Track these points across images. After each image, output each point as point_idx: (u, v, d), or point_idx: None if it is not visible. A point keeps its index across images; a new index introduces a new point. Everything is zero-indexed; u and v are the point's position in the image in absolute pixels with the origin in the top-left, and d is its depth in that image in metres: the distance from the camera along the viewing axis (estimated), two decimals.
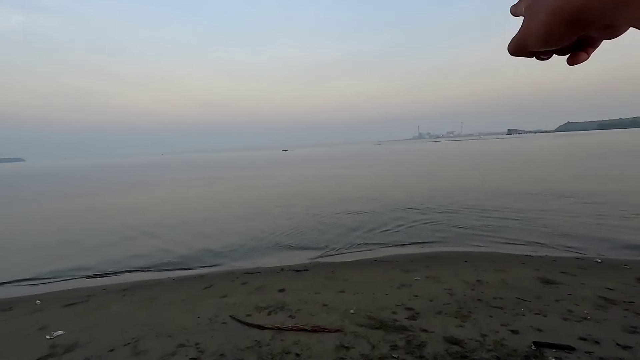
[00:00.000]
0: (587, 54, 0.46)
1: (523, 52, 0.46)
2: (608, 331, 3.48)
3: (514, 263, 6.43)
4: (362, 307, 4.43)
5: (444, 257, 7.19)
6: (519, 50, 0.46)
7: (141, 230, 11.57)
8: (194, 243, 9.73)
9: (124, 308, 5.32)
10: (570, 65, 0.47)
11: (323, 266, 7.12)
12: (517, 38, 0.45)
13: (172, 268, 7.85)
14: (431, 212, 11.56)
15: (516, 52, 0.47)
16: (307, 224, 11.13)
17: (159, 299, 5.62)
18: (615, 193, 12.82)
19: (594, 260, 6.49)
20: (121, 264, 8.26)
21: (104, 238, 10.84)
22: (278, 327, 3.95)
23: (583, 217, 9.76)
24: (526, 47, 0.44)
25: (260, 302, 4.89)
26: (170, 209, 15.85)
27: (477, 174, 23.41)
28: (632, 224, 8.79)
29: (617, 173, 18.89)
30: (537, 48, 0.43)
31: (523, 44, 0.44)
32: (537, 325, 3.65)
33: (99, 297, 6.07)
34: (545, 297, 4.52)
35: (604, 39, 0.43)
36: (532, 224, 9.48)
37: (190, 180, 31.53)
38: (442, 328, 3.70)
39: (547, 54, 0.46)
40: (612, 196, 12.28)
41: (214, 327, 4.15)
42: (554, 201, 12.14)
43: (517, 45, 0.45)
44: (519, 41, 0.45)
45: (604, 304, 4.24)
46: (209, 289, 5.96)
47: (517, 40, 0.45)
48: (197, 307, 4.97)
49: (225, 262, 8.06)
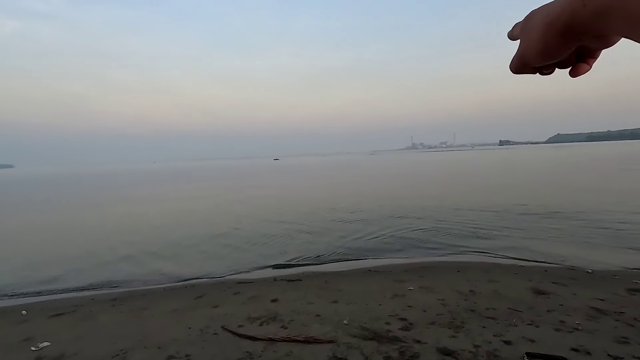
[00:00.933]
0: (589, 65, 0.49)
1: (524, 69, 0.48)
2: (599, 342, 3.49)
3: (506, 273, 6.46)
4: (356, 318, 4.40)
5: (438, 267, 7.20)
6: (521, 67, 0.48)
7: (128, 241, 11.41)
8: (183, 253, 9.62)
9: (112, 319, 5.21)
10: (573, 77, 0.49)
11: (316, 276, 7.07)
12: (517, 56, 0.47)
13: (162, 278, 7.72)
14: (422, 223, 11.60)
15: (518, 70, 0.49)
16: (298, 233, 11.09)
17: (149, 309, 5.52)
18: (602, 205, 13.02)
19: (584, 270, 6.55)
20: (110, 274, 8.11)
21: (89, 249, 10.63)
22: (270, 338, 3.90)
23: (573, 228, 9.87)
24: (527, 63, 0.46)
25: (253, 313, 4.83)
26: (157, 218, 15.68)
27: (469, 186, 23.63)
28: (620, 235, 8.91)
29: (606, 185, 19.20)
30: (537, 63, 0.46)
31: (524, 61, 0.46)
32: (530, 336, 3.66)
33: (87, 308, 5.94)
34: (538, 308, 4.54)
35: (600, 48, 0.45)
36: (520, 234, 9.56)
37: (178, 189, 31.30)
38: (435, 339, 3.68)
39: (548, 68, 0.48)
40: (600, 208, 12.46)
41: (205, 338, 4.08)
42: (544, 213, 12.27)
43: (518, 62, 0.48)
44: (519, 59, 0.47)
45: (595, 314, 4.27)
46: (200, 299, 5.88)
47: (518, 58, 0.47)
48: (188, 317, 4.89)
49: (217, 271, 7.96)
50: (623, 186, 18.09)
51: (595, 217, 11.00)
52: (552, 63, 0.46)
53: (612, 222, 10.22)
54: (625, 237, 8.67)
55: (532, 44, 0.43)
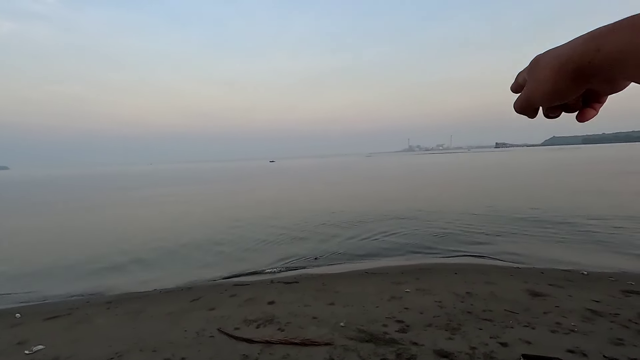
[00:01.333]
0: (595, 110, 0.49)
1: (529, 110, 0.48)
2: (595, 343, 3.51)
3: (503, 275, 6.48)
4: (353, 320, 4.39)
5: (435, 269, 7.20)
6: (526, 107, 0.48)
7: (126, 242, 11.35)
8: (179, 255, 9.57)
9: (107, 321, 5.17)
10: (580, 122, 0.49)
11: (313, 278, 7.06)
12: (523, 96, 0.47)
13: (158, 280, 7.67)
14: (420, 225, 11.62)
15: (523, 110, 0.49)
16: (295, 235, 11.07)
17: (145, 312, 5.48)
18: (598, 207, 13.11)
19: (580, 272, 6.58)
20: (105, 277, 8.06)
21: (84, 251, 10.57)
22: (267, 340, 3.88)
23: (568, 231, 9.93)
24: (533, 104, 0.46)
25: (249, 315, 4.81)
26: (155, 219, 15.62)
27: (464, 188, 23.72)
28: (614, 239, 8.97)
29: (602, 188, 19.34)
30: (544, 104, 0.46)
31: (530, 102, 0.46)
32: (526, 338, 3.67)
33: (82, 310, 5.89)
34: (534, 309, 4.55)
35: (608, 93, 0.45)
36: (516, 237, 9.60)
37: (170, 193, 31.20)
38: (432, 341, 3.68)
39: (554, 111, 0.48)
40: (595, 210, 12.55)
41: (201, 341, 4.05)
42: (539, 215, 12.34)
43: (524, 102, 0.47)
44: (526, 99, 0.47)
45: (591, 316, 4.29)
46: (197, 301, 5.84)
47: (524, 98, 0.47)
48: (184, 320, 4.86)
49: (213, 274, 7.92)
50: (618, 189, 18.23)
51: (589, 220, 11.06)
52: (558, 105, 0.46)
53: (607, 226, 10.29)
54: (620, 240, 8.73)
55: (541, 85, 0.43)
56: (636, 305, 4.69)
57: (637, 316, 4.27)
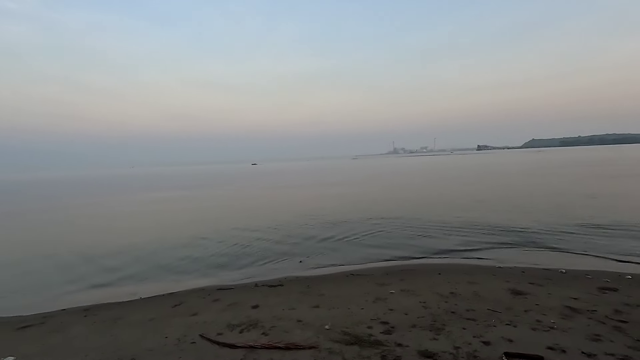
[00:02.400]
0: None
1: None
2: (574, 340, 3.59)
3: (485, 275, 6.58)
4: (337, 323, 4.37)
5: (419, 270, 7.26)
6: None
7: (102, 248, 11.01)
8: (161, 260, 9.32)
9: (84, 330, 4.97)
10: None
11: (298, 281, 7.00)
12: None
13: (138, 286, 7.45)
14: (400, 225, 11.71)
15: None
16: (278, 238, 10.98)
17: (124, 318, 5.31)
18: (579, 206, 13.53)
19: (559, 270, 6.76)
20: (84, 283, 7.78)
21: (58, 259, 10.18)
22: (250, 345, 3.81)
23: (544, 229, 10.19)
24: None
25: (233, 320, 4.72)
26: (133, 225, 15.22)
27: (445, 190, 24.08)
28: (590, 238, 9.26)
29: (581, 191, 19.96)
30: None
31: None
32: (508, 336, 3.72)
33: (57, 319, 5.66)
34: (515, 308, 4.63)
35: None
36: (497, 235, 9.79)
37: (152, 197, 30.55)
38: (416, 342, 3.69)
39: None
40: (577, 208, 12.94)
41: (182, 348, 3.94)
42: (518, 214, 12.63)
43: None
44: None
45: (570, 313, 4.39)
46: (179, 307, 5.70)
47: None
48: (165, 326, 4.73)
49: (196, 278, 7.76)
50: (596, 191, 18.87)
51: (569, 221, 11.40)
52: None
53: (588, 225, 10.61)
54: (594, 240, 9.02)
55: None
56: (612, 301, 4.83)
57: (613, 312, 4.40)
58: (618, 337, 3.67)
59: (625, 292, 5.26)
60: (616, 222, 10.46)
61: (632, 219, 10.76)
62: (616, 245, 8.29)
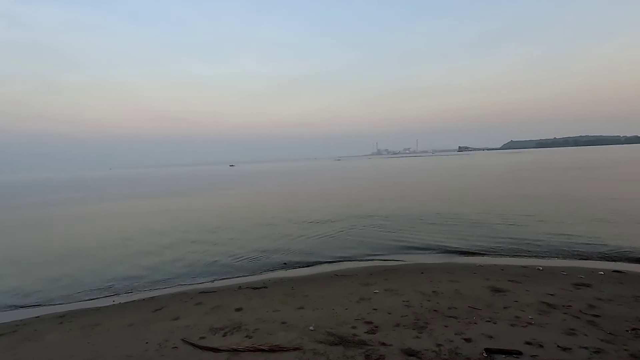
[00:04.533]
0: None
1: None
2: (550, 335, 3.71)
3: (466, 273, 6.72)
4: (322, 323, 4.36)
5: (402, 269, 7.34)
6: None
7: (77, 251, 10.64)
8: (140, 263, 9.08)
9: (60, 337, 4.79)
10: None
11: (282, 282, 6.96)
12: None
13: (116, 291, 7.23)
14: (384, 225, 11.83)
15: None
16: (261, 240, 10.89)
17: (102, 324, 5.15)
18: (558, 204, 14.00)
19: (536, 268, 6.97)
20: (58, 289, 7.49)
21: (30, 262, 9.78)
22: (234, 348, 3.76)
23: (522, 229, 10.50)
24: None
25: (216, 323, 4.64)
26: (109, 228, 14.80)
27: (424, 188, 24.47)
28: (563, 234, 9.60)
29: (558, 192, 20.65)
30: None
31: None
32: (488, 332, 3.81)
33: (30, 327, 5.43)
34: (495, 305, 4.75)
35: None
36: (475, 237, 10.03)
37: (124, 197, 29.80)
38: (400, 340, 3.73)
39: None
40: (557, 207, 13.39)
41: (163, 353, 3.85)
42: (496, 216, 12.97)
43: None
44: None
45: (546, 308, 4.54)
46: (160, 311, 5.57)
47: None
48: (146, 331, 4.61)
49: (177, 282, 7.60)
50: (571, 193, 19.58)
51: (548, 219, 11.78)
52: None
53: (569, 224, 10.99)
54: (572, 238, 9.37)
55: None
56: (586, 296, 5.02)
57: (587, 307, 4.57)
58: (592, 330, 3.81)
59: (598, 288, 5.48)
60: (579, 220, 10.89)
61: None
62: (587, 243, 8.64)
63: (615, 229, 9.86)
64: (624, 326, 3.91)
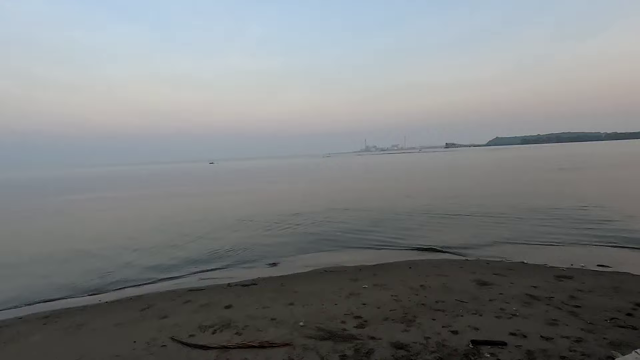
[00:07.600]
0: None
1: None
2: (533, 325, 3.82)
3: (453, 267, 6.85)
4: (312, 319, 4.39)
5: (391, 264, 7.43)
6: None
7: (62, 251, 10.41)
8: (126, 262, 8.94)
9: (44, 338, 4.69)
10: None
11: (272, 279, 6.96)
12: None
13: (102, 290, 7.11)
14: (371, 221, 11.93)
15: None
16: (250, 237, 10.86)
17: (88, 324, 5.05)
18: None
19: (521, 261, 7.15)
20: (40, 290, 7.31)
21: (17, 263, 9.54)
22: (223, 345, 3.75)
23: (509, 224, 10.74)
24: None
25: (205, 321, 4.62)
26: (94, 225, 14.53)
27: (414, 187, 24.75)
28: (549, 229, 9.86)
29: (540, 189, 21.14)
30: None
31: None
32: (474, 325, 3.90)
33: (13, 328, 5.29)
34: (481, 298, 4.86)
35: None
36: (461, 231, 10.21)
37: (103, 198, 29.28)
38: (389, 334, 3.78)
39: None
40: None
41: (151, 352, 3.81)
42: (486, 212, 13.22)
43: None
44: None
45: (530, 300, 4.67)
46: (147, 310, 5.50)
47: None
48: (133, 331, 4.55)
49: (165, 280, 7.52)
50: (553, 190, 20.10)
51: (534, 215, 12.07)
52: None
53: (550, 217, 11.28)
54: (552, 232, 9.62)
55: None
56: (567, 288, 5.18)
57: (568, 298, 4.72)
58: (573, 320, 3.94)
59: (579, 279, 5.66)
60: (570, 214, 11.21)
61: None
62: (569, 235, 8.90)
63: (596, 224, 10.17)
64: (603, 316, 4.05)
